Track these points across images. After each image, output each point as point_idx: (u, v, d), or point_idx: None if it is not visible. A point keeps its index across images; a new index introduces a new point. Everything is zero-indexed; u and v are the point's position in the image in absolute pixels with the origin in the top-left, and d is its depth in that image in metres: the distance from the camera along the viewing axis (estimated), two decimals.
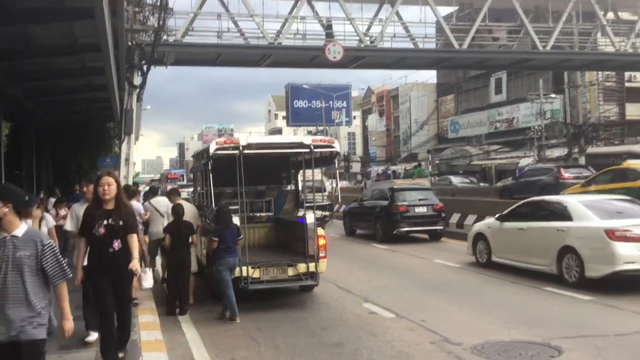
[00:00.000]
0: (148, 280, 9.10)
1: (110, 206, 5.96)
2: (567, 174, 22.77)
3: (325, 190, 11.93)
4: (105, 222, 5.88)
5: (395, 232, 17.56)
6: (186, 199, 12.26)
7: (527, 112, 48.52)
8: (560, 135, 45.56)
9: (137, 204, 10.98)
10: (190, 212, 9.87)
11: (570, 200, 11.21)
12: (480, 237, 12.99)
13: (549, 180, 22.80)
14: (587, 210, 10.41)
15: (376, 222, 18.42)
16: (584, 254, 9.92)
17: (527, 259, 11.39)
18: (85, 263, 6.06)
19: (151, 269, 9.79)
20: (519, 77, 52.81)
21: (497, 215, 12.83)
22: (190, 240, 9.09)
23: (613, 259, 9.53)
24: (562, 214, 10.75)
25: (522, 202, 12.73)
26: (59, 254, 4.23)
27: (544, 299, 9.51)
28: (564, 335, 7.23)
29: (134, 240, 6.01)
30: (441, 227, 17.98)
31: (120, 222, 5.91)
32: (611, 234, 9.60)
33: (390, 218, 17.79)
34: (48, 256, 4.13)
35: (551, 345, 6.88)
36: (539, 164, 38.26)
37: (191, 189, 29.29)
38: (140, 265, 9.22)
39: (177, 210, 9.21)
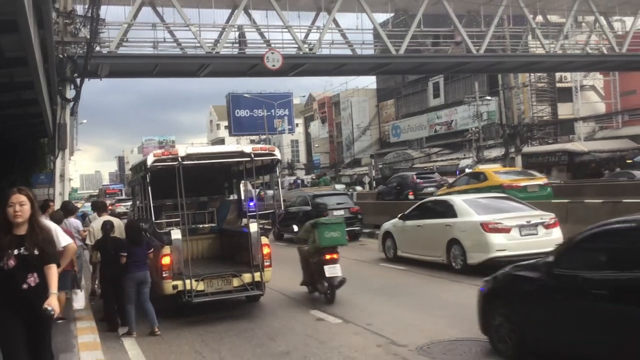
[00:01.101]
0: (79, 302, 8.85)
1: (22, 231, 4.79)
2: (419, 179, 26.69)
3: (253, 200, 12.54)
4: (16, 251, 4.70)
5: None
6: (124, 213, 11.95)
7: (465, 115, 49.81)
8: (497, 136, 46.90)
9: (75, 221, 10.68)
10: (118, 228, 9.63)
11: (456, 199, 12.69)
12: (387, 235, 14.42)
13: (406, 185, 26.56)
14: (468, 208, 11.94)
15: (299, 226, 19.40)
16: (466, 244, 11.50)
17: (425, 251, 12.94)
18: None
19: (83, 290, 9.50)
20: (455, 80, 54.13)
21: (400, 215, 14.19)
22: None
23: (487, 247, 11.11)
24: (450, 211, 12.24)
25: (420, 202, 14.53)
26: None
27: None
28: None
29: (52, 272, 4.85)
30: (358, 228, 19.42)
31: (36, 251, 4.75)
32: (485, 226, 11.15)
33: None
34: None
35: None
36: (478, 165, 39.28)
37: (129, 203, 28.76)
38: (72, 287, 8.97)
39: (105, 227, 9.01)
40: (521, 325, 6.06)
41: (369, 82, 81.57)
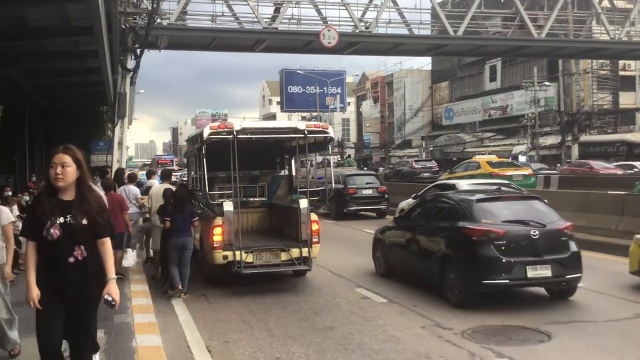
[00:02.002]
0: (129, 260, 9.21)
1: (68, 196, 4.11)
2: (417, 165, 33.92)
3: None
4: (61, 219, 4.05)
5: (345, 210, 20.31)
6: (174, 183, 12.25)
7: (521, 100, 48.60)
8: (553, 123, 45.70)
9: (134, 188, 11.04)
10: None
11: (461, 183, 14.31)
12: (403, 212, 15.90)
13: (406, 170, 33.39)
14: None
15: (331, 202, 20.40)
16: None
17: None
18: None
19: (134, 250, 9.87)
20: (513, 64, 52.82)
21: (413, 195, 15.86)
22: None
23: None
24: None
25: (431, 185, 16.21)
26: None
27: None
28: (554, 321, 7.31)
29: (107, 249, 4.19)
30: (384, 206, 20.77)
31: (84, 221, 4.08)
32: None
33: (342, 199, 20.33)
34: None
35: (541, 330, 6.97)
36: (533, 152, 38.43)
37: (179, 173, 29.42)
38: (127, 246, 9.35)
39: (165, 194, 9.30)
40: (386, 256, 10.21)
41: (424, 63, 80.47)
